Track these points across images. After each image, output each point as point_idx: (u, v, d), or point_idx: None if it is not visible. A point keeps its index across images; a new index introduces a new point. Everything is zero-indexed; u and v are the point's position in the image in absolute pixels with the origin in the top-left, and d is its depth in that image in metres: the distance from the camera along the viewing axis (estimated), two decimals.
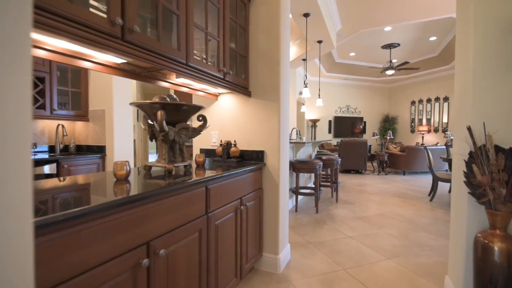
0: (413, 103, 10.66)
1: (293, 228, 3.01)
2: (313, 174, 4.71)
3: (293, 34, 5.91)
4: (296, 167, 3.53)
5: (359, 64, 9.57)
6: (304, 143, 3.37)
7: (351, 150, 6.93)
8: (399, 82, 11.13)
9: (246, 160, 2.16)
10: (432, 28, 6.66)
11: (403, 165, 6.91)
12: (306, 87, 4.24)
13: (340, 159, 4.13)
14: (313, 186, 4.30)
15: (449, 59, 8.56)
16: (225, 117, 2.26)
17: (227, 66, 1.77)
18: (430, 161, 4.22)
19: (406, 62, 7.24)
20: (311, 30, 4.64)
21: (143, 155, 5.20)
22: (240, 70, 2.06)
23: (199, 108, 1.50)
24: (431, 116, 10.02)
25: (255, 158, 2.12)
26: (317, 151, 5.72)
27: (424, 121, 10.23)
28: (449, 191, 4.92)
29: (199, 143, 2.41)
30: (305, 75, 4.06)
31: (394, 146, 7.36)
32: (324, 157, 4.10)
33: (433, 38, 7.37)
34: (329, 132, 10.65)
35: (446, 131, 9.41)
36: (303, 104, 7.10)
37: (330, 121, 10.64)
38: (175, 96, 1.47)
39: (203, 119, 1.63)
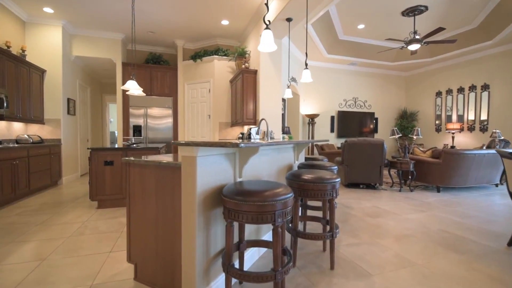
0: (439, 94, 8.39)
1: None
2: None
3: None
4: (227, 206, 1.42)
5: (370, 43, 7.37)
6: (240, 145, 1.26)
7: (361, 155, 4.76)
8: (421, 68, 8.87)
9: None
10: None
11: (437, 178, 4.70)
12: (268, 27, 2.08)
13: (338, 180, 1.99)
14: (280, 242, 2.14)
15: (493, 32, 6.30)
16: None
17: None
18: None
19: (440, 29, 5.03)
20: None
21: None
22: None
23: None
24: (463, 110, 7.74)
25: None
26: (306, 158, 3.58)
27: (455, 117, 7.95)
28: None
29: None
30: (267, 5, 1.92)
31: (421, 149, 5.15)
32: (306, 176, 1.96)
33: None
34: (332, 130, 8.46)
35: (486, 129, 7.13)
36: (287, 87, 4.95)
37: (332, 117, 8.45)
38: None
39: None
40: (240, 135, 5.35)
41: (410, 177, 4.73)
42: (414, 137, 4.81)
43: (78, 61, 6.30)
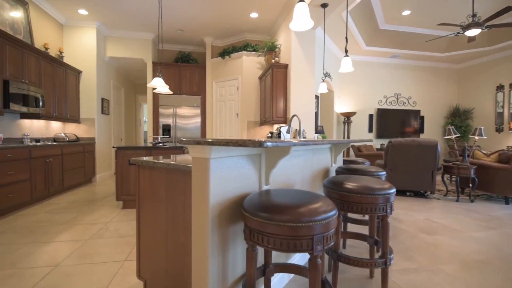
0: (500, 88, 7.22)
1: None
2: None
3: None
4: (248, 225, 1.08)
5: (417, 32, 6.55)
6: (264, 144, 0.93)
7: (408, 158, 4.13)
8: (477, 59, 7.74)
9: None
10: None
11: (505, 187, 3.89)
12: None
13: (393, 191, 1.54)
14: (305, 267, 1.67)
15: None
16: None
17: None
18: None
19: (509, 8, 4.19)
20: None
21: None
22: None
23: None
24: None
25: None
26: (344, 161, 3.12)
27: None
28: None
29: None
30: None
31: (484, 152, 4.34)
32: (349, 184, 1.55)
33: None
34: (370, 130, 7.74)
35: None
36: (322, 80, 4.46)
37: (371, 116, 7.72)
38: None
39: None
40: (269, 135, 5.01)
41: (470, 185, 3.98)
42: (476, 137, 4.04)
43: (112, 62, 6.47)
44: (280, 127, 4.40)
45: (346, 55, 2.82)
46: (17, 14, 4.08)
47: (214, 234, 1.17)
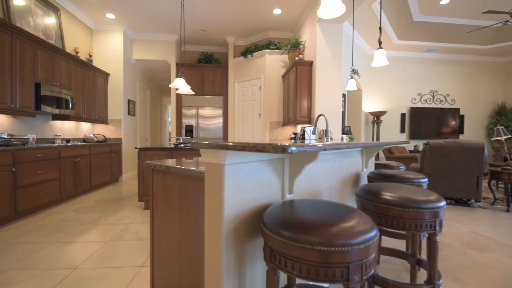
0: None
1: None
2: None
3: None
4: (269, 244, 0.91)
5: (456, 23, 5.97)
6: (289, 149, 0.76)
7: (449, 162, 3.71)
8: None
9: None
10: None
11: None
12: None
13: (443, 204, 1.29)
14: None
15: None
16: None
17: None
18: None
19: None
20: None
21: None
22: None
23: None
24: None
25: None
26: (376, 165, 2.84)
27: None
28: None
29: None
30: None
31: None
32: (388, 194, 1.33)
33: None
34: (402, 131, 7.20)
35: None
36: (351, 77, 4.15)
37: (403, 115, 7.19)
38: None
39: None
40: (293, 135, 4.80)
41: None
42: None
43: (138, 64, 6.63)
44: (304, 128, 4.17)
45: (380, 47, 2.55)
46: (49, 20, 4.27)
47: (229, 251, 1.02)
